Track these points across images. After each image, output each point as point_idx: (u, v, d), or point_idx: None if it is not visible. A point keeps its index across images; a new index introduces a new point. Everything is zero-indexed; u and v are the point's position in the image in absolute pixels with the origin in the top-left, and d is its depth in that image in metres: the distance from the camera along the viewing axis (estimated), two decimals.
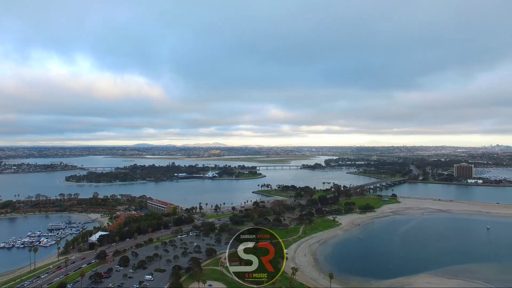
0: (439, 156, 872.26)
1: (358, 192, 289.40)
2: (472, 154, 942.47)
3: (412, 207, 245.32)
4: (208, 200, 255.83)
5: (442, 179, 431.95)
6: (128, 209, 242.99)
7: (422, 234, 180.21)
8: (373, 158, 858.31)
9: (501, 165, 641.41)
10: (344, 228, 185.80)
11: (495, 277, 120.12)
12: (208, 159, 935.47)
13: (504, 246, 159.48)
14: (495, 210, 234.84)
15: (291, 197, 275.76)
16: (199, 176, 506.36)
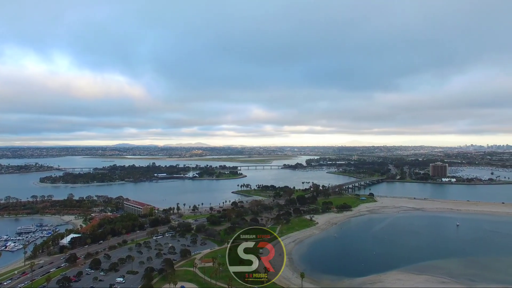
0: (417, 156, 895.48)
1: (337, 191, 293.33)
2: (448, 154, 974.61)
3: (388, 205, 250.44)
4: (187, 201, 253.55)
5: (419, 178, 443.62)
6: (104, 210, 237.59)
7: (395, 232, 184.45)
8: (354, 158, 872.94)
9: (474, 164, 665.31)
10: (320, 228, 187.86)
11: (460, 272, 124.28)
12: (189, 159, 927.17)
13: (471, 241, 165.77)
14: (465, 207, 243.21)
15: (270, 197, 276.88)
16: (179, 177, 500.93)
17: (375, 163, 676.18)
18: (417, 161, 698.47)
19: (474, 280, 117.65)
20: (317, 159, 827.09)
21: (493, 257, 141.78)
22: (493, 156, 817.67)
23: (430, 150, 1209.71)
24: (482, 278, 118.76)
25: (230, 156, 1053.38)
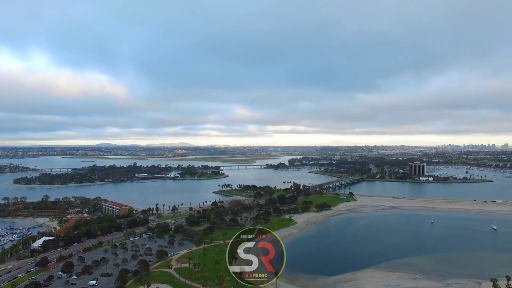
0: (398, 155, 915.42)
1: (317, 191, 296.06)
2: (427, 153, 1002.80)
3: (366, 204, 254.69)
4: (168, 201, 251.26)
5: (398, 177, 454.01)
6: (81, 211, 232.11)
7: (373, 231, 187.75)
8: (336, 157, 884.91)
9: (450, 164, 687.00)
10: (299, 227, 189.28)
11: (431, 268, 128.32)
12: (172, 159, 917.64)
13: (443, 238, 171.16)
14: (440, 205, 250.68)
15: (251, 196, 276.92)
16: (161, 177, 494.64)
17: (356, 162, 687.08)
18: (397, 160, 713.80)
19: (444, 275, 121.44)
20: (299, 158, 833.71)
21: (463, 253, 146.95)
22: (468, 156, 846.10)
23: (410, 150, 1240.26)
24: (451, 273, 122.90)
25: (213, 156, 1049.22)
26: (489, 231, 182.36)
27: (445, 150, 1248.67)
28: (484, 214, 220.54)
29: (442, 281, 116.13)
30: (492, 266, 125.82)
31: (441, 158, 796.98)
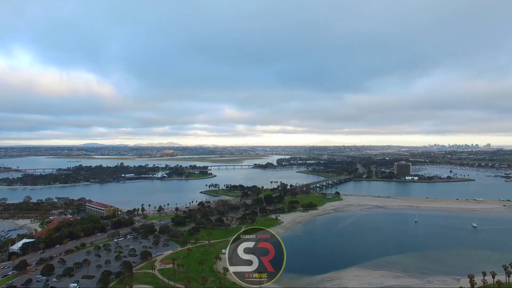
0: (385, 155, 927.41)
1: (304, 190, 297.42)
2: (414, 153, 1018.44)
3: (352, 204, 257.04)
4: (154, 201, 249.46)
5: (384, 176, 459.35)
6: (64, 213, 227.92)
7: (358, 230, 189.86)
8: (324, 157, 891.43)
9: (435, 163, 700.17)
10: (285, 226, 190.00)
11: (414, 266, 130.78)
12: (160, 159, 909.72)
13: (426, 236, 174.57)
14: (424, 204, 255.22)
15: (237, 196, 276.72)
16: (148, 177, 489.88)
17: (344, 162, 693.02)
18: (384, 160, 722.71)
19: (425, 273, 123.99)
20: (288, 158, 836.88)
21: (444, 250, 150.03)
22: (453, 156, 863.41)
23: (397, 150, 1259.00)
24: (432, 271, 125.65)
25: (201, 156, 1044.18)
26: (470, 229, 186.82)
27: (431, 150, 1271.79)
28: (466, 212, 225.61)
29: (423, 279, 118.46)
30: (470, 263, 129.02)
31: (427, 158, 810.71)
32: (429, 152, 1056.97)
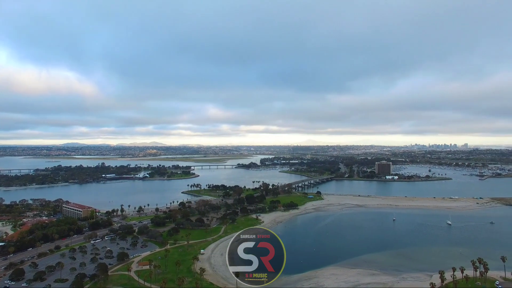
0: (367, 155, 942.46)
1: (286, 190, 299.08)
2: (395, 153, 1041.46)
3: (333, 203, 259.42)
4: (135, 202, 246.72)
5: (365, 176, 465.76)
6: (39, 215, 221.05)
7: (337, 229, 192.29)
8: (308, 157, 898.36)
9: (416, 162, 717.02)
10: (266, 226, 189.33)
11: (389, 263, 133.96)
12: (143, 159, 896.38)
13: (403, 234, 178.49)
14: (402, 203, 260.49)
15: (219, 196, 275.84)
16: (129, 177, 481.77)
17: (326, 162, 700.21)
18: (366, 159, 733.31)
19: (400, 270, 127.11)
20: (271, 158, 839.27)
21: (419, 248, 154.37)
22: (432, 155, 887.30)
23: (380, 149, 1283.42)
24: (407, 268, 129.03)
25: (185, 156, 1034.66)
26: (444, 226, 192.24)
27: (412, 149, 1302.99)
28: (441, 210, 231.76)
29: (398, 276, 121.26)
30: (443, 259, 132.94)
31: (408, 157, 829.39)
32: (410, 152, 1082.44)
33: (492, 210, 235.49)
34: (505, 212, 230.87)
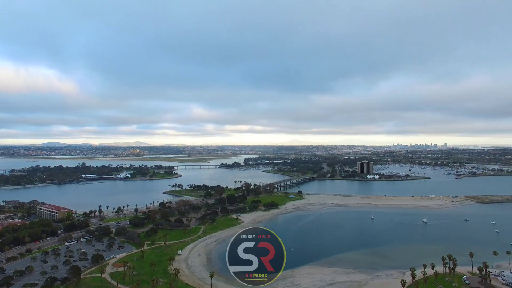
0: (350, 154, 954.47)
1: (268, 190, 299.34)
2: (378, 152, 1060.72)
3: (314, 202, 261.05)
4: (114, 202, 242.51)
5: (347, 175, 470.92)
6: (12, 217, 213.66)
7: (316, 228, 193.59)
8: (291, 156, 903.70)
9: (397, 162, 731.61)
10: (245, 226, 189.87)
11: (365, 262, 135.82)
12: (125, 159, 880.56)
13: (381, 233, 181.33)
14: (382, 202, 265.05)
15: (200, 196, 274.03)
16: (110, 177, 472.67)
17: (310, 161, 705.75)
18: (349, 159, 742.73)
19: (375, 268, 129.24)
20: (255, 158, 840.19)
21: (394, 246, 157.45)
22: (413, 155, 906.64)
23: (363, 149, 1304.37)
24: (382, 266, 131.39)
25: (169, 156, 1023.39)
26: (420, 225, 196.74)
27: (394, 149, 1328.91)
28: (418, 208, 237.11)
29: (372, 274, 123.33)
30: (417, 257, 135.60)
31: (389, 157, 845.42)
32: (392, 152, 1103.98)
33: (466, 208, 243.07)
34: (478, 209, 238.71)
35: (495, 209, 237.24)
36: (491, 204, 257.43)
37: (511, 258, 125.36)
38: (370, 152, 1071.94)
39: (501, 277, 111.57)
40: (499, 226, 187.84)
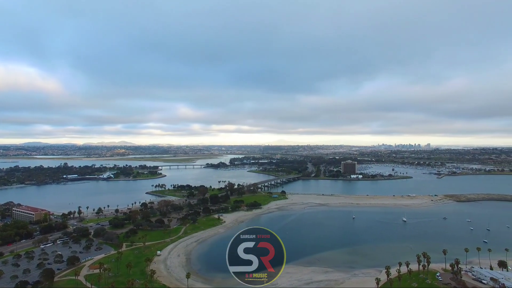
0: (336, 154, 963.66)
1: (252, 189, 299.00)
2: (363, 152, 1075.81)
3: (297, 202, 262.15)
4: (96, 203, 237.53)
5: (331, 175, 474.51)
6: None
7: (298, 227, 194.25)
8: (277, 156, 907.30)
9: (381, 162, 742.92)
10: (227, 226, 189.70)
11: (343, 260, 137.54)
12: (110, 159, 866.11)
13: (361, 232, 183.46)
14: (364, 201, 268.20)
15: (184, 196, 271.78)
16: (93, 178, 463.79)
17: (295, 161, 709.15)
18: (334, 159, 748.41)
19: (353, 267, 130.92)
20: (241, 158, 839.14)
21: (374, 244, 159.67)
22: (397, 155, 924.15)
23: (348, 149, 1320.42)
24: (360, 264, 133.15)
25: (154, 156, 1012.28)
26: (400, 223, 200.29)
27: (379, 149, 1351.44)
28: (399, 207, 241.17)
29: (350, 272, 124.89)
30: (395, 255, 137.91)
31: (374, 157, 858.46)
32: (377, 152, 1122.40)
33: (444, 206, 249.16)
34: (455, 208, 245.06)
35: (471, 207, 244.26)
36: (468, 202, 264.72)
37: (481, 254, 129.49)
38: (356, 152, 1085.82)
39: (471, 273, 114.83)
40: (473, 224, 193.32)
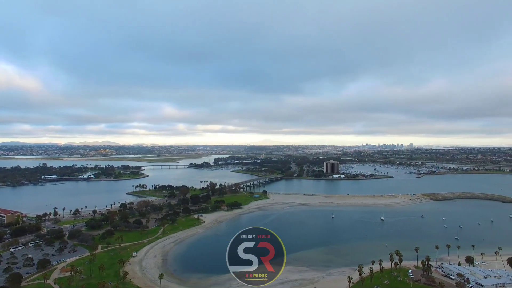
0: (320, 154, 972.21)
1: (233, 189, 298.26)
2: (347, 152, 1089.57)
3: (278, 202, 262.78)
4: (74, 204, 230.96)
5: (314, 175, 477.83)
6: None
7: (277, 227, 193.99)
8: (262, 156, 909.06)
9: (364, 162, 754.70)
10: (206, 226, 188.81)
11: (319, 259, 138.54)
12: (92, 159, 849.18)
13: (339, 231, 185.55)
14: (344, 200, 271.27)
15: (164, 197, 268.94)
16: (73, 178, 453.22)
17: (279, 161, 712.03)
18: (318, 159, 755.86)
19: (329, 266, 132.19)
20: (225, 158, 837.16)
21: (351, 243, 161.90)
22: (380, 154, 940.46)
23: (333, 149, 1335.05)
24: (335, 263, 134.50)
25: (137, 156, 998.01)
26: (378, 222, 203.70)
27: (363, 149, 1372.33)
28: (377, 207, 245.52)
29: (325, 271, 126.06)
30: (370, 253, 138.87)
31: (357, 157, 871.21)
32: (360, 152, 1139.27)
33: (421, 205, 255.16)
34: (432, 206, 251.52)
35: (446, 206, 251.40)
36: (444, 201, 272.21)
37: (451, 251, 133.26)
38: (340, 152, 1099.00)
39: (440, 269, 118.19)
40: (447, 222, 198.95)
